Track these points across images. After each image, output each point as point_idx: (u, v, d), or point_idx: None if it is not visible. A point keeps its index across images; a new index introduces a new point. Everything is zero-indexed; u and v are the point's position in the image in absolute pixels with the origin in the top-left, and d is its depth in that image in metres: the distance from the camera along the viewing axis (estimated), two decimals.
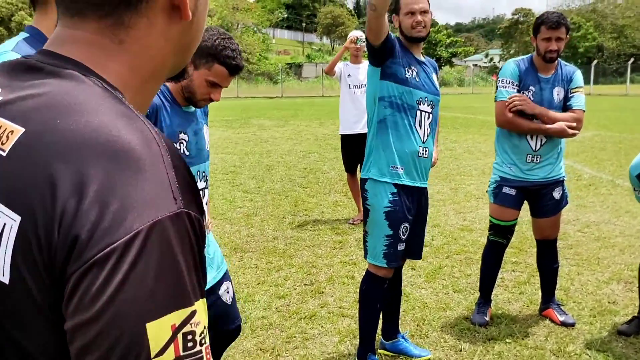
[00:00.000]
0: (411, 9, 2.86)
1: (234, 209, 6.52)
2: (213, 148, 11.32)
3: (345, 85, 5.96)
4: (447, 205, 6.62)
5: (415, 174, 2.92)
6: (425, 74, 2.95)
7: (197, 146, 2.29)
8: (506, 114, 3.39)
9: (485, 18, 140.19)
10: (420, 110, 2.89)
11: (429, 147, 2.96)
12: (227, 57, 2.12)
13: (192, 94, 2.19)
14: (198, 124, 2.33)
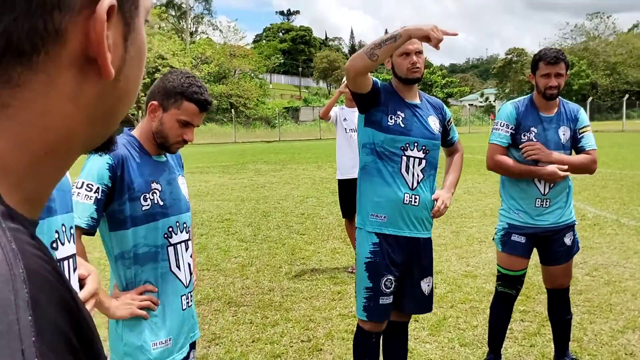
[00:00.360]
0: (406, 50, 2.76)
1: (228, 259, 6.30)
2: (209, 195, 11.20)
3: (342, 129, 5.85)
4: (449, 250, 6.40)
5: (401, 222, 2.77)
6: (417, 117, 2.81)
7: (172, 196, 2.18)
8: (495, 157, 3.29)
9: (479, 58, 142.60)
10: (407, 156, 2.75)
11: (420, 194, 2.78)
12: (195, 93, 2.08)
13: (164, 138, 2.11)
14: (171, 174, 2.23)
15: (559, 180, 3.21)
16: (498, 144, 3.31)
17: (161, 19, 47.28)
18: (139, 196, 2.07)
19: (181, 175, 2.34)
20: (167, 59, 41.02)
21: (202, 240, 7.23)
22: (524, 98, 3.41)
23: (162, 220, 2.13)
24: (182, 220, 2.23)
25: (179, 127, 2.10)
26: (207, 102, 2.12)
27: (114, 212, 2.06)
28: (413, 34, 2.47)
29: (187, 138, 2.14)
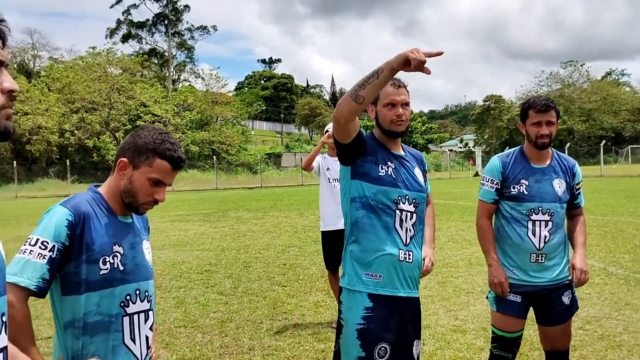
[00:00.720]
0: (392, 101, 2.61)
1: (207, 314, 6.01)
2: (189, 245, 10.91)
3: (325, 179, 5.69)
4: (436, 303, 6.20)
5: (397, 282, 2.56)
6: (405, 169, 2.66)
7: (133, 261, 2.00)
8: (480, 221, 3.25)
9: (457, 105, 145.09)
10: (400, 209, 2.57)
11: (413, 250, 2.60)
12: (168, 149, 1.94)
13: (133, 197, 1.96)
14: (136, 237, 2.06)
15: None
16: (484, 201, 3.26)
17: (143, 67, 47.51)
18: (98, 259, 1.89)
19: (146, 240, 2.16)
20: (149, 106, 41.07)
21: (180, 294, 6.94)
22: (513, 150, 3.30)
23: (121, 287, 1.95)
24: (143, 288, 2.04)
25: (149, 186, 1.96)
26: (180, 159, 1.98)
27: (68, 275, 1.87)
28: (394, 64, 2.23)
29: (158, 198, 1.99)
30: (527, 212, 3.11)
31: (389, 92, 2.61)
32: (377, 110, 2.65)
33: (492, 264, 3.17)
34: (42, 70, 50.51)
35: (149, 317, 2.06)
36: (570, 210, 3.26)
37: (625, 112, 60.32)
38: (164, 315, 6.02)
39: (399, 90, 2.61)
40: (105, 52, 41.87)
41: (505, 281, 3.11)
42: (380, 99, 2.63)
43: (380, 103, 2.63)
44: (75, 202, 1.93)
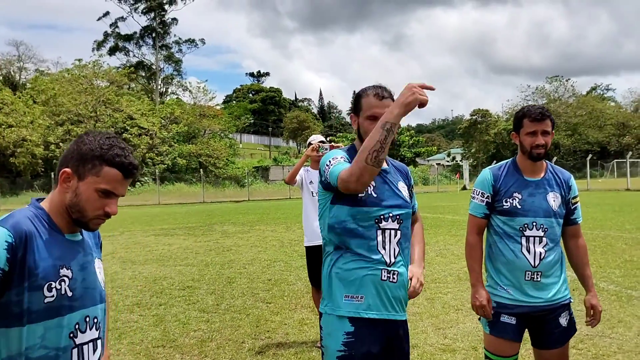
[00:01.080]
0: (375, 114, 2.37)
1: (187, 332, 5.77)
2: (172, 260, 10.63)
3: (308, 193, 5.50)
4: (424, 320, 6.01)
5: (380, 303, 2.35)
6: (388, 184, 2.45)
7: (83, 284, 1.77)
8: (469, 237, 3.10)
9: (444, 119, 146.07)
10: (383, 228, 2.37)
11: (398, 269, 2.39)
12: (117, 155, 1.72)
13: (81, 212, 1.74)
14: (87, 256, 1.83)
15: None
16: (474, 216, 3.12)
17: (130, 80, 47.24)
18: (42, 285, 1.66)
19: (98, 258, 1.94)
20: (136, 119, 40.77)
21: (160, 312, 6.69)
22: (505, 162, 3.14)
23: (69, 315, 1.72)
24: (93, 314, 1.82)
25: (98, 198, 1.74)
26: (132, 166, 1.77)
27: (9, 304, 1.63)
28: (402, 113, 2.13)
29: (109, 211, 1.77)
30: (521, 228, 2.94)
31: (371, 104, 2.41)
32: (360, 123, 2.46)
33: (475, 284, 3.01)
34: (27, 82, 50.08)
35: (97, 347, 1.84)
36: (566, 227, 3.10)
37: (610, 127, 60.95)
38: (141, 334, 5.77)
39: (382, 102, 2.39)
40: (91, 64, 41.60)
41: (487, 304, 2.95)
42: (363, 110, 2.43)
43: (362, 115, 2.43)
44: (15, 220, 1.69)
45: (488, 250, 3.08)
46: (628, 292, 6.81)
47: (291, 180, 5.52)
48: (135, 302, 7.24)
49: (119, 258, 11.09)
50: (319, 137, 5.48)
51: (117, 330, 5.89)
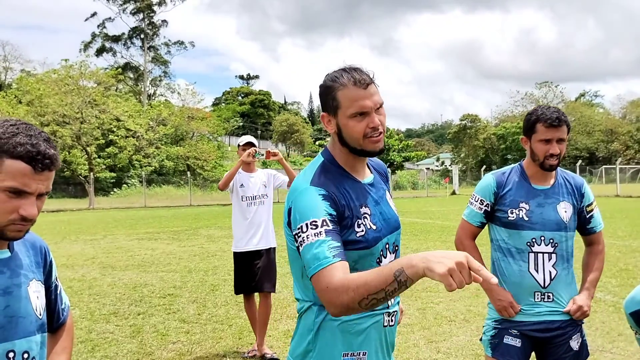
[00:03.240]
0: (362, 108, 1.74)
1: (165, 345, 5.44)
2: (154, 265, 10.27)
3: (237, 197, 5.25)
4: (415, 332, 5.72)
5: (381, 355, 1.85)
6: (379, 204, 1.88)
7: (6, 312, 1.44)
8: (462, 241, 2.80)
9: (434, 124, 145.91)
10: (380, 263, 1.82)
11: (395, 309, 1.89)
12: (20, 144, 1.37)
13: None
14: (15, 278, 1.49)
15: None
16: (468, 222, 2.81)
17: (117, 81, 46.71)
18: None
19: (36, 280, 1.59)
20: (123, 120, 40.22)
21: (137, 322, 6.35)
22: (511, 167, 2.83)
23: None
24: (21, 348, 1.48)
25: (7, 199, 1.40)
26: (42, 154, 1.41)
27: None
28: (425, 275, 1.39)
29: (24, 213, 1.42)
30: (528, 243, 2.64)
31: (353, 96, 1.74)
32: (340, 124, 1.79)
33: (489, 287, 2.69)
34: (13, 82, 49.31)
35: None
36: (585, 237, 2.83)
37: (599, 133, 61.27)
38: (116, 346, 5.43)
39: (367, 89, 1.75)
40: (78, 65, 41.02)
41: (512, 300, 2.65)
42: (343, 107, 1.76)
43: (343, 113, 1.77)
44: None
45: (493, 264, 2.79)
46: None
47: (226, 186, 5.20)
48: (112, 311, 6.89)
49: (99, 263, 10.70)
50: (248, 138, 5.27)
51: (90, 342, 5.55)
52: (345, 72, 1.78)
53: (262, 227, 5.25)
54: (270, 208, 5.41)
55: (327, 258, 1.58)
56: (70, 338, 1.83)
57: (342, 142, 1.82)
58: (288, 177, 5.29)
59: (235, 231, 5.30)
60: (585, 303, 2.69)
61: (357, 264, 1.75)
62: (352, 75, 1.76)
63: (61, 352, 1.77)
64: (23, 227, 1.45)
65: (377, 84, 1.80)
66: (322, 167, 1.83)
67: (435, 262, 1.36)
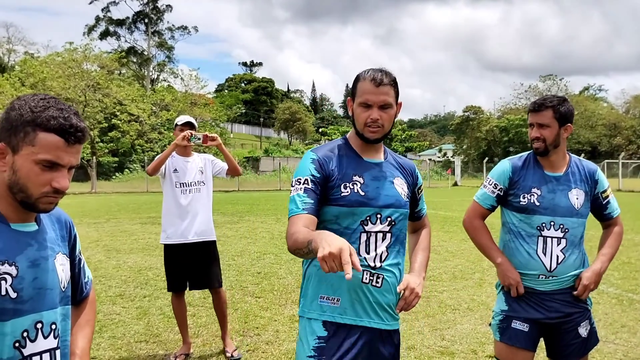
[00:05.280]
0: (367, 100, 2.09)
1: (171, 327, 5.49)
2: (158, 249, 10.30)
3: (170, 183, 4.73)
4: (420, 320, 5.77)
5: (360, 308, 2.07)
6: (378, 180, 2.15)
7: (34, 284, 1.46)
8: (471, 221, 2.88)
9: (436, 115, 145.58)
10: (368, 231, 2.08)
11: (384, 274, 2.10)
12: (53, 117, 1.40)
13: (24, 191, 1.42)
14: (42, 250, 1.51)
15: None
16: (479, 204, 2.87)
17: (121, 65, 46.59)
18: None
19: (62, 253, 1.62)
20: (126, 104, 40.20)
21: (144, 304, 6.41)
22: (527, 153, 2.88)
23: (13, 320, 1.42)
24: (48, 319, 1.51)
25: (40, 172, 1.43)
26: (73, 128, 1.44)
27: None
28: (314, 249, 1.74)
29: (57, 186, 1.44)
30: (538, 227, 2.70)
31: (365, 89, 2.09)
32: (353, 109, 2.17)
33: (501, 263, 2.76)
34: (16, 64, 49.24)
35: (55, 359, 1.54)
36: (603, 222, 2.92)
37: (602, 127, 61.13)
38: (124, 327, 5.49)
39: (378, 89, 2.07)
40: (82, 48, 40.94)
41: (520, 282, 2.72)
42: (357, 96, 2.13)
43: (356, 100, 2.14)
44: None
45: (502, 249, 2.84)
46: (629, 296, 6.61)
47: (155, 171, 4.65)
48: (118, 293, 6.95)
49: (103, 246, 10.76)
50: (186, 118, 4.86)
51: (98, 322, 5.60)
52: (372, 70, 2.13)
53: (199, 217, 4.71)
54: (209, 197, 4.89)
55: (297, 208, 2.01)
56: (93, 311, 1.87)
57: (353, 124, 2.20)
58: (227, 165, 4.92)
59: (166, 221, 4.73)
60: (591, 278, 2.72)
61: (339, 219, 2.10)
62: (374, 73, 2.10)
63: (85, 324, 1.80)
64: (55, 199, 1.48)
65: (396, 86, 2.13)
66: (333, 142, 2.25)
67: (320, 245, 1.65)
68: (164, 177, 4.76)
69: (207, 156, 5.03)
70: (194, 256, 4.71)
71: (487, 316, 5.82)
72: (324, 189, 2.08)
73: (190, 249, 4.69)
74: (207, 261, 4.75)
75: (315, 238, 1.74)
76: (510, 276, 2.73)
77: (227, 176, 5.12)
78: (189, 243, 4.68)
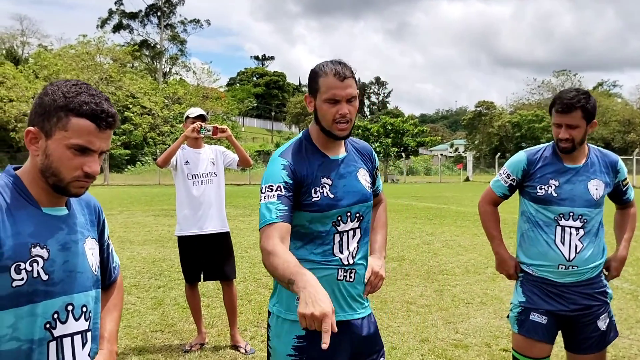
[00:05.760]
0: (334, 96, 2.03)
1: (186, 317, 5.54)
2: (171, 241, 10.37)
3: (183, 175, 4.76)
4: (433, 313, 5.77)
5: (336, 304, 2.06)
6: (344, 178, 2.14)
7: (65, 267, 1.49)
8: (484, 206, 2.97)
9: (448, 110, 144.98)
10: (341, 231, 2.10)
11: (356, 268, 2.13)
12: (85, 103, 1.42)
13: (56, 175, 1.46)
14: (72, 234, 1.54)
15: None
16: (493, 190, 2.95)
17: (134, 58, 46.79)
18: (8, 265, 1.40)
19: (91, 238, 1.65)
20: (138, 97, 40.41)
21: (158, 294, 6.47)
22: (545, 145, 2.87)
23: (44, 302, 1.46)
24: (79, 302, 1.55)
25: (72, 156, 1.46)
26: (105, 113, 1.46)
27: None
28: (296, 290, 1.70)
29: (88, 170, 1.48)
30: (556, 217, 2.70)
31: (330, 84, 2.04)
32: (317, 106, 2.09)
33: (497, 252, 2.94)
34: (30, 57, 49.60)
35: (87, 341, 1.58)
36: (619, 205, 2.97)
37: (616, 123, 60.52)
38: (139, 317, 5.54)
39: (344, 82, 2.04)
40: (95, 41, 41.17)
41: (514, 273, 2.88)
42: (320, 92, 2.06)
43: (320, 97, 2.07)
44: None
45: (520, 239, 2.86)
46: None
47: (165, 163, 4.67)
48: (133, 283, 7.01)
49: (117, 238, 10.85)
50: (198, 111, 4.89)
51: None
52: (331, 63, 2.09)
53: (212, 208, 4.75)
54: (221, 188, 4.92)
55: (271, 218, 1.95)
56: (120, 296, 1.90)
57: (316, 121, 2.14)
58: (238, 156, 4.92)
59: (180, 213, 4.79)
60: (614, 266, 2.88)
61: (312, 223, 2.09)
62: (335, 67, 2.06)
63: (113, 308, 1.84)
64: (86, 183, 1.51)
65: (356, 78, 2.11)
66: (296, 142, 2.17)
67: (303, 300, 1.59)
68: (176, 169, 4.78)
69: (218, 148, 5.05)
70: (209, 248, 4.75)
71: (500, 310, 5.82)
72: (296, 195, 2.05)
73: (205, 241, 4.73)
74: (221, 252, 4.78)
75: (297, 281, 1.67)
76: (504, 268, 2.91)
77: (238, 167, 5.15)
78: (203, 235, 4.72)
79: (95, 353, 1.63)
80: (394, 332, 5.12)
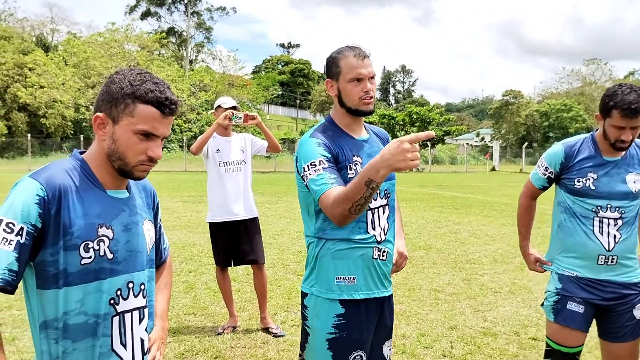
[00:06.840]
0: (358, 75, 2.17)
1: (218, 301, 5.66)
2: (200, 227, 10.55)
3: (214, 163, 4.86)
4: (462, 301, 5.80)
5: (372, 282, 2.21)
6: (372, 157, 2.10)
7: (127, 247, 1.60)
8: (522, 200, 3.04)
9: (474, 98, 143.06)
10: (372, 208, 2.19)
11: (387, 246, 2.25)
12: (151, 90, 1.51)
13: (122, 159, 1.55)
14: (132, 216, 1.64)
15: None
16: (532, 183, 2.98)
17: (161, 45, 47.18)
18: (78, 244, 1.50)
19: (148, 220, 1.75)
20: None
21: (189, 278, 6.61)
22: (583, 137, 2.84)
23: (110, 279, 1.56)
24: (138, 280, 1.65)
25: (138, 142, 1.55)
26: (169, 100, 1.55)
27: (44, 264, 1.49)
28: (387, 174, 1.85)
29: (152, 155, 1.57)
30: (594, 209, 2.70)
31: (353, 64, 2.18)
32: (340, 87, 2.21)
33: (522, 247, 3.11)
34: (60, 44, 50.34)
35: (144, 317, 1.68)
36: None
37: None
38: (172, 300, 5.68)
39: (364, 61, 2.19)
40: (124, 28, 41.63)
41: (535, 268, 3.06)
42: (343, 73, 2.20)
43: (343, 78, 2.20)
44: (50, 173, 1.52)
45: (556, 229, 2.86)
46: None
47: (199, 150, 4.78)
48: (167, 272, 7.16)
49: None
50: (230, 101, 4.99)
51: None
52: (348, 47, 2.22)
53: (242, 195, 4.88)
54: (249, 175, 5.05)
55: (325, 184, 2.02)
56: (170, 275, 2.00)
57: (341, 103, 2.25)
58: (267, 142, 5.05)
59: (212, 200, 4.90)
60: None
61: None
62: (353, 50, 2.20)
63: (163, 287, 1.94)
64: (149, 167, 1.60)
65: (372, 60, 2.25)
66: (322, 126, 2.28)
67: (390, 161, 1.79)
68: (207, 157, 4.89)
69: (246, 135, 5.16)
70: (239, 233, 4.87)
71: (529, 300, 5.82)
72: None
73: (236, 226, 4.84)
74: (252, 237, 4.90)
75: (365, 173, 1.85)
76: (526, 261, 3.10)
77: (267, 153, 5.26)
78: (234, 221, 4.83)
79: (151, 329, 1.72)
80: (422, 319, 5.17)
